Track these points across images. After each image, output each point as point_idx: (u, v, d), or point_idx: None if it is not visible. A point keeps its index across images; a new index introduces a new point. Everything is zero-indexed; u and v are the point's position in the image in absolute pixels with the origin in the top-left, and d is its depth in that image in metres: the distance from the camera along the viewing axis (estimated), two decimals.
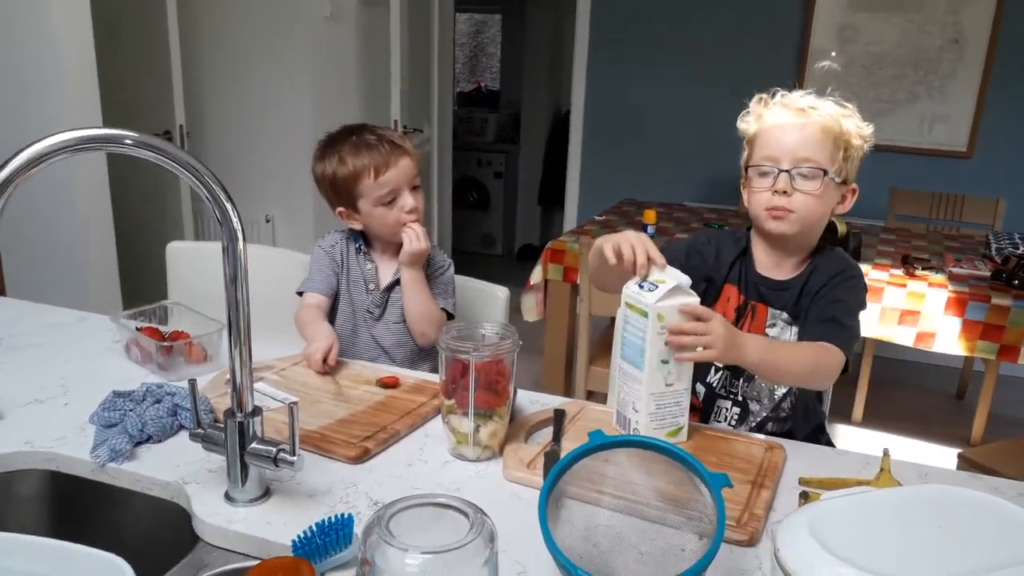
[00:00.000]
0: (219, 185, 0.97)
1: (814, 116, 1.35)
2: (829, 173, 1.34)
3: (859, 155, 1.39)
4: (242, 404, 1.04)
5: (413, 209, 1.62)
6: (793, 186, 1.34)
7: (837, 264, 1.43)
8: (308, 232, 3.88)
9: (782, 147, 1.35)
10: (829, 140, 1.34)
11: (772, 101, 1.41)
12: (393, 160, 1.60)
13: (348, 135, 1.64)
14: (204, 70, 3.82)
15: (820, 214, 1.38)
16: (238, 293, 1.00)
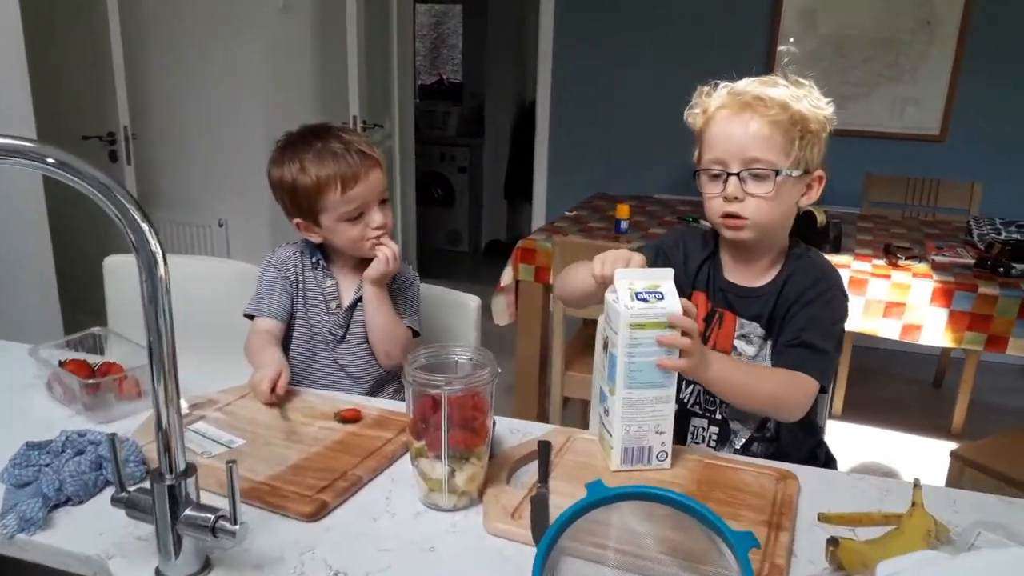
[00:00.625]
0: (132, 202, 0.81)
1: (760, 108, 1.22)
2: (783, 171, 1.22)
3: (822, 137, 1.26)
4: (172, 462, 0.88)
5: (381, 226, 1.47)
6: (745, 190, 1.23)
7: (812, 272, 1.31)
8: (264, 237, 3.69)
9: (728, 148, 1.24)
10: (779, 132, 1.22)
11: (715, 93, 1.28)
12: (363, 173, 1.44)
13: (311, 139, 1.47)
14: (149, 67, 3.60)
15: (779, 215, 1.27)
16: (160, 323, 0.84)
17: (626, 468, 1.13)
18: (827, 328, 1.27)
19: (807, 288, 1.28)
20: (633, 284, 1.10)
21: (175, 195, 3.75)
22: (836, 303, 1.30)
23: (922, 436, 3.17)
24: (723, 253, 1.37)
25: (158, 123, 3.67)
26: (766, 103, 1.21)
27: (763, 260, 1.33)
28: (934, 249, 2.73)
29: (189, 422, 1.23)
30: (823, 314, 1.27)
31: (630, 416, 1.11)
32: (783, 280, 1.31)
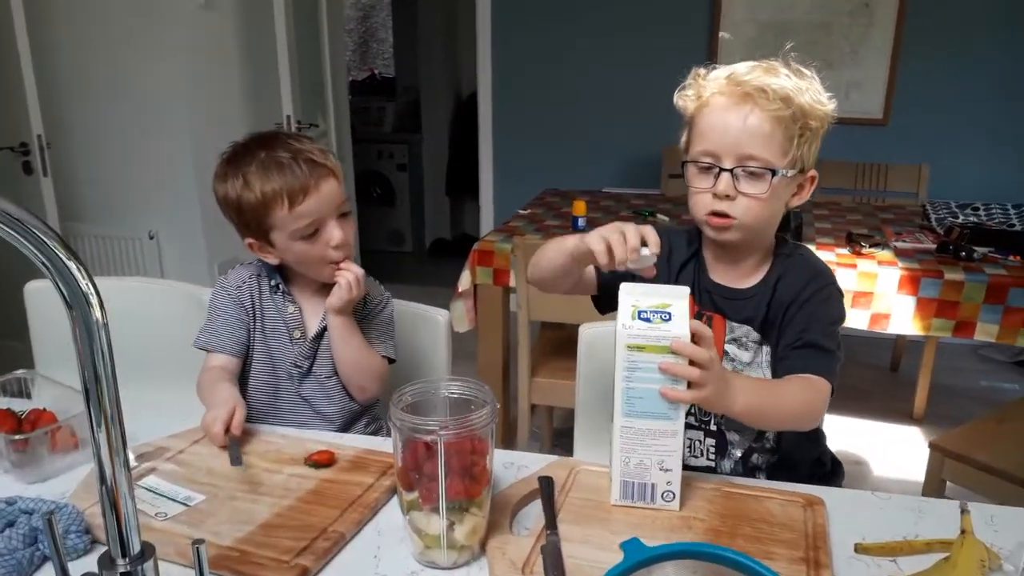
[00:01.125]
0: (55, 239, 0.66)
1: (762, 101, 1.10)
2: (779, 171, 1.12)
3: (820, 135, 1.17)
4: (124, 542, 0.73)
5: (342, 244, 1.30)
6: (737, 188, 1.13)
7: (805, 271, 1.22)
8: (199, 249, 3.48)
9: (723, 141, 1.13)
10: (780, 130, 1.11)
11: (712, 75, 1.16)
12: (313, 184, 1.27)
13: (256, 149, 1.29)
14: (63, 71, 3.35)
15: (769, 215, 1.18)
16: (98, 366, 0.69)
17: (626, 503, 1.02)
18: (828, 327, 1.19)
19: (802, 288, 1.19)
20: (638, 301, 0.99)
21: (99, 207, 3.51)
22: (833, 300, 1.22)
23: (885, 422, 3.16)
24: (706, 252, 1.27)
25: (76, 130, 3.41)
26: (769, 95, 1.10)
27: (749, 260, 1.23)
28: (893, 235, 2.70)
29: (138, 476, 1.08)
30: (822, 312, 1.19)
31: (629, 447, 1.00)
32: (774, 280, 1.21)
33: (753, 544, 0.93)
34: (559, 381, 2.35)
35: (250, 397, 1.37)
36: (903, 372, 3.60)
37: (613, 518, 0.99)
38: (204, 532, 0.95)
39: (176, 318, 1.69)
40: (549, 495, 1.01)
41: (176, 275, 3.48)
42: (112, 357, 0.70)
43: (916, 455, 2.73)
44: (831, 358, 1.17)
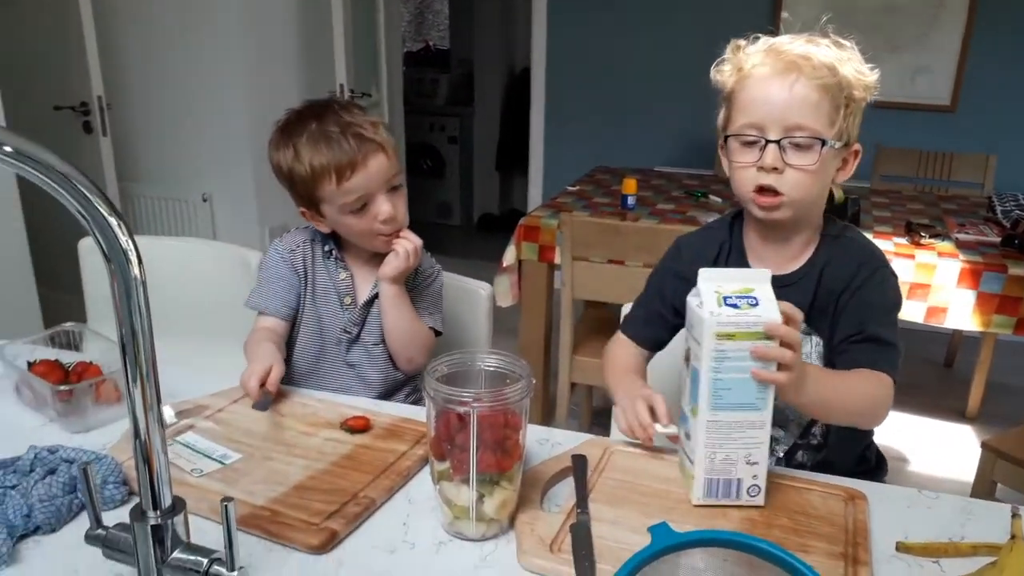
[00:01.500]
0: (98, 194, 0.66)
1: (807, 69, 1.06)
2: (828, 142, 1.07)
3: (862, 107, 1.12)
4: (155, 496, 0.74)
5: (390, 218, 1.30)
6: (785, 160, 1.08)
7: (855, 254, 1.16)
8: (251, 213, 3.52)
9: (768, 112, 1.08)
10: (827, 98, 1.07)
11: (752, 48, 1.13)
12: (360, 160, 1.25)
13: (309, 119, 1.28)
14: (123, 32, 3.40)
15: (819, 190, 1.13)
16: (135, 322, 0.69)
17: (710, 502, 0.97)
18: (886, 315, 1.14)
19: (853, 274, 1.14)
20: (721, 287, 0.94)
21: (156, 168, 3.57)
22: (889, 285, 1.16)
23: (936, 419, 3.07)
24: (749, 235, 1.21)
25: (135, 92, 3.47)
26: (814, 63, 1.06)
27: (796, 240, 1.17)
28: (955, 226, 2.61)
29: (176, 432, 1.09)
30: (878, 300, 1.14)
31: (716, 442, 0.95)
32: (821, 264, 1.16)
33: (790, 536, 0.90)
34: (599, 360, 2.32)
35: (296, 359, 1.39)
36: (958, 368, 3.49)
37: (646, 500, 0.97)
38: (238, 491, 0.96)
39: (224, 279, 1.71)
40: (582, 473, 0.99)
41: (228, 237, 3.53)
42: (149, 314, 0.70)
43: (967, 455, 2.65)
44: (893, 352, 1.12)
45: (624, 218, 2.60)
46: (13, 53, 2.89)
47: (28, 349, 1.25)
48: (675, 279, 1.23)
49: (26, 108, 3.02)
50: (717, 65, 1.16)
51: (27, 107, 3.04)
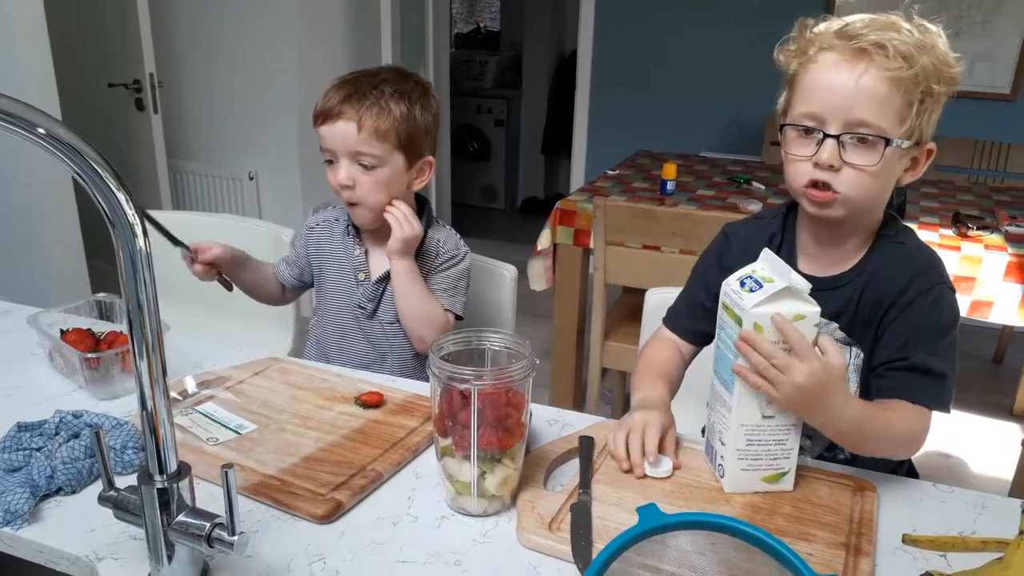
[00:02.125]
0: (106, 168, 0.68)
1: (879, 59, 0.96)
2: (894, 141, 0.97)
3: (943, 102, 1.01)
4: (161, 461, 0.77)
5: (342, 185, 1.32)
6: (843, 158, 0.99)
7: (909, 264, 1.06)
8: (295, 190, 3.58)
9: (830, 102, 0.99)
10: (898, 93, 0.96)
11: (821, 28, 1.02)
12: (334, 115, 1.29)
13: (372, 72, 1.34)
14: (176, 12, 3.47)
15: (879, 192, 1.03)
16: (140, 295, 0.71)
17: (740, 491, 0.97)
18: (938, 341, 1.03)
19: (904, 287, 1.04)
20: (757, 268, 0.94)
21: (204, 146, 3.65)
22: (945, 303, 1.05)
23: (982, 415, 2.99)
24: (801, 230, 1.13)
25: (186, 70, 3.55)
26: (888, 52, 0.95)
27: (851, 241, 1.08)
28: (1007, 219, 2.52)
29: (197, 402, 1.12)
30: (929, 321, 1.03)
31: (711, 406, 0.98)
32: (871, 270, 1.06)
33: (792, 524, 0.90)
34: (631, 346, 2.32)
35: (321, 336, 1.45)
36: (1007, 365, 3.40)
37: (649, 483, 0.97)
38: (250, 460, 0.98)
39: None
40: (587, 455, 1.00)
41: (272, 215, 3.60)
42: (155, 287, 0.72)
43: (1012, 453, 2.58)
44: (941, 385, 1.02)
45: (662, 203, 2.57)
46: (69, 32, 2.97)
47: (62, 318, 1.30)
48: (720, 270, 1.12)
49: (82, 85, 3.12)
50: (781, 44, 1.06)
51: (83, 84, 3.14)
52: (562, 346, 2.66)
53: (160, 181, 3.31)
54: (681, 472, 1.00)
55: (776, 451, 0.95)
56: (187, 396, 1.14)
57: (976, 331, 3.55)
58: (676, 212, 2.26)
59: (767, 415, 0.94)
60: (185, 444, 1.01)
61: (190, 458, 0.96)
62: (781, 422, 0.94)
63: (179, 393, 1.14)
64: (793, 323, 0.90)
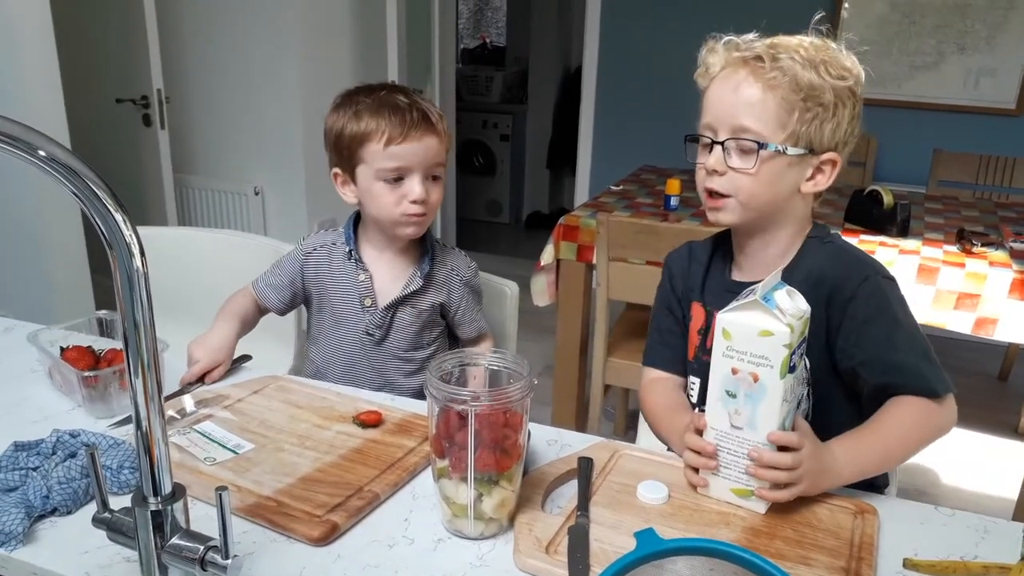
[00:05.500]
0: (103, 188, 0.68)
1: (758, 69, 1.03)
2: (771, 145, 1.03)
3: (842, 113, 1.04)
4: (155, 482, 0.76)
5: (420, 199, 1.32)
6: (727, 163, 1.05)
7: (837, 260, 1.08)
8: (300, 205, 3.59)
9: (719, 112, 1.06)
10: (773, 99, 1.02)
11: (718, 47, 1.10)
12: (415, 134, 1.29)
13: (378, 90, 1.34)
14: (184, 28, 3.50)
15: (769, 198, 1.06)
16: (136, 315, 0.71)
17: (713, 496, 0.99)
18: (894, 332, 1.04)
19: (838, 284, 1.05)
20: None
21: (210, 161, 3.67)
22: (884, 292, 1.06)
23: (986, 433, 2.97)
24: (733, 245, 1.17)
25: (193, 86, 3.57)
26: (764, 63, 1.02)
27: (770, 249, 1.12)
28: (1012, 235, 2.51)
29: (195, 421, 1.12)
30: (875, 315, 1.04)
31: None
32: (802, 272, 1.07)
33: (792, 548, 0.89)
34: (634, 363, 2.31)
35: (323, 365, 1.44)
36: (1013, 382, 3.37)
37: (649, 505, 0.96)
38: (247, 480, 0.98)
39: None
40: (586, 476, 0.99)
41: (278, 230, 3.61)
42: (151, 306, 0.72)
43: (1016, 471, 2.56)
44: (919, 367, 1.03)
45: (665, 219, 2.57)
46: (77, 48, 3.00)
47: (63, 335, 1.30)
48: (675, 297, 1.23)
49: (89, 101, 3.14)
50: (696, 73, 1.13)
51: (90, 100, 3.17)
52: (565, 362, 2.65)
53: (166, 196, 3.33)
54: (680, 495, 0.99)
55: (745, 464, 0.95)
56: (185, 415, 1.14)
57: (981, 348, 3.53)
58: (679, 228, 2.26)
59: (736, 425, 0.95)
60: (182, 464, 1.01)
61: (187, 478, 0.97)
62: (749, 436, 0.94)
63: (177, 412, 1.14)
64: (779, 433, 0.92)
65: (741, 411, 0.93)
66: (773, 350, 0.90)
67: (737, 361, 0.92)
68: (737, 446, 0.95)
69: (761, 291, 0.91)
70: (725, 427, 0.95)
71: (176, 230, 2.51)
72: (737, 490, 0.96)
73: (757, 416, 0.93)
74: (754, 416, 0.93)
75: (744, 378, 0.92)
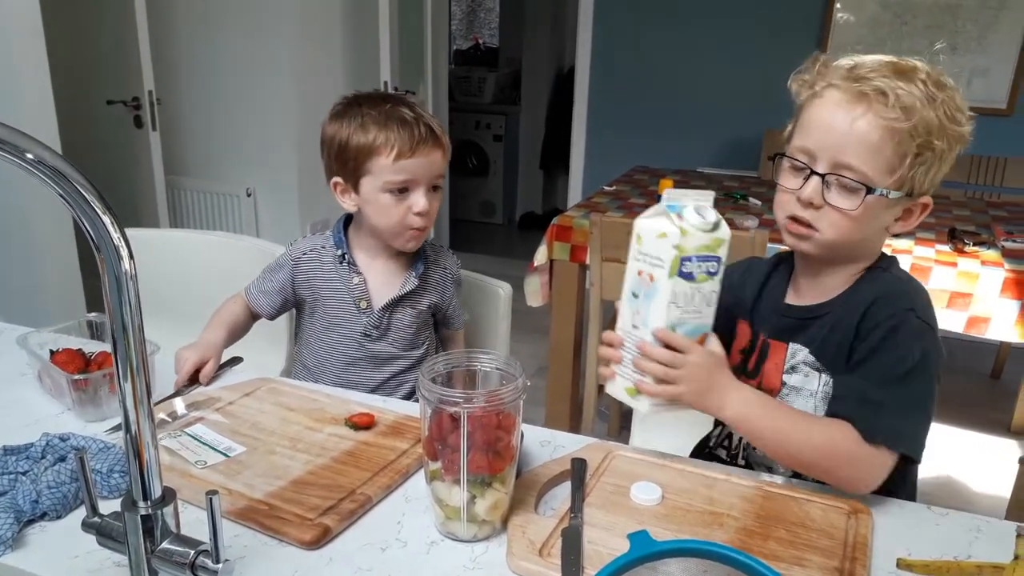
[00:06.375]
0: (91, 190, 0.68)
1: (878, 106, 0.95)
2: (878, 190, 0.97)
3: (946, 159, 0.99)
4: (145, 487, 0.76)
5: (424, 212, 1.34)
6: (825, 197, 0.99)
7: (877, 288, 1.03)
8: (292, 207, 3.59)
9: (822, 141, 0.99)
10: (891, 143, 0.96)
11: (833, 64, 1.02)
12: (424, 149, 1.31)
13: (381, 101, 1.34)
14: (175, 29, 3.49)
15: (859, 236, 1.02)
16: (125, 317, 0.71)
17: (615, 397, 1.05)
18: (890, 369, 0.98)
19: (868, 308, 1.02)
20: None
21: (202, 163, 3.65)
22: (906, 332, 0.99)
23: (979, 432, 2.98)
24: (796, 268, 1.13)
25: (184, 88, 3.56)
26: (888, 101, 0.95)
27: (830, 277, 1.08)
28: (1003, 234, 2.52)
29: (186, 424, 1.11)
30: (886, 348, 0.99)
31: None
32: (851, 301, 1.05)
33: (786, 548, 0.88)
34: None
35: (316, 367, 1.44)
36: (1005, 380, 3.39)
37: (642, 507, 0.96)
38: (238, 483, 0.97)
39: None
40: (579, 477, 0.99)
41: (270, 232, 3.60)
42: (140, 309, 0.71)
43: (1009, 469, 2.56)
44: (878, 413, 0.97)
45: None
46: (68, 49, 2.98)
47: (53, 338, 1.29)
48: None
49: (80, 103, 3.12)
50: (796, 73, 1.06)
51: (81, 102, 3.15)
52: (558, 362, 2.65)
53: (158, 198, 3.31)
54: (673, 496, 0.98)
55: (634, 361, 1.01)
56: (176, 418, 1.13)
57: (973, 347, 3.54)
58: None
59: (635, 324, 1.01)
60: (173, 467, 1.00)
61: (177, 482, 0.96)
62: (642, 334, 1.00)
63: (168, 415, 1.13)
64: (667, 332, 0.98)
65: (640, 311, 1.00)
66: (665, 250, 0.95)
67: (642, 263, 0.99)
68: (632, 344, 1.01)
69: (666, 200, 0.97)
70: (628, 327, 1.02)
71: (168, 232, 2.50)
72: (629, 389, 1.02)
73: (649, 314, 0.99)
74: (647, 315, 0.99)
75: (644, 279, 0.99)
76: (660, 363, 0.98)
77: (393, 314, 1.41)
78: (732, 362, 1.12)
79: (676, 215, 0.95)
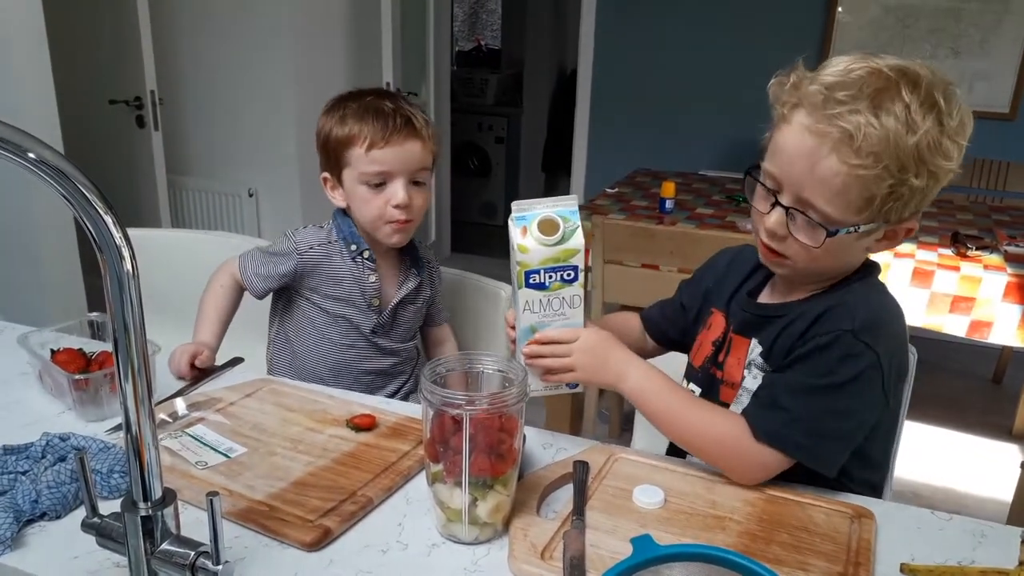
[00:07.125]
0: (93, 190, 0.67)
1: (843, 150, 0.88)
2: (843, 230, 0.92)
3: (934, 189, 0.93)
4: (146, 487, 0.75)
5: (403, 204, 1.33)
6: (790, 229, 0.95)
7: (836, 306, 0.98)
8: (294, 207, 3.58)
9: (787, 173, 0.94)
10: (855, 188, 0.89)
11: (811, 78, 0.93)
12: (397, 139, 1.30)
13: (367, 95, 1.35)
14: (177, 29, 3.48)
15: (830, 264, 1.00)
16: (126, 318, 0.70)
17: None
18: (807, 379, 0.96)
19: (815, 319, 0.99)
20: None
21: (204, 163, 3.65)
22: (836, 349, 0.95)
23: (980, 436, 2.98)
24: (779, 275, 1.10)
25: (186, 88, 3.55)
26: (854, 144, 0.87)
27: (807, 285, 1.05)
28: (1006, 238, 2.52)
29: (187, 424, 1.11)
30: (812, 359, 0.97)
31: None
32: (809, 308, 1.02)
33: (789, 552, 0.88)
34: None
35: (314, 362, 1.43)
36: (1007, 385, 3.38)
37: (645, 510, 0.96)
38: (239, 484, 0.97)
39: None
40: (582, 480, 0.98)
41: (272, 232, 3.60)
42: (141, 309, 0.71)
43: (1011, 474, 2.56)
44: (774, 416, 0.97)
45: (660, 222, 2.57)
46: (70, 49, 2.98)
47: (54, 337, 1.28)
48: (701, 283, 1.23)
49: (82, 102, 3.12)
50: (777, 75, 0.98)
51: (83, 101, 3.15)
52: None
53: (160, 198, 3.31)
54: (676, 499, 0.98)
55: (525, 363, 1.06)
56: (177, 418, 1.13)
57: (975, 351, 3.54)
58: (674, 231, 2.26)
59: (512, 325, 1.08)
60: (174, 468, 1.00)
61: (178, 482, 0.96)
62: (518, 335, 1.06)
63: (169, 415, 1.13)
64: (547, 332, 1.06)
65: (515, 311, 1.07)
66: (513, 263, 1.03)
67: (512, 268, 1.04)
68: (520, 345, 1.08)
69: (515, 211, 1.03)
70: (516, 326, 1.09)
71: (169, 232, 2.50)
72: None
73: (518, 316, 1.06)
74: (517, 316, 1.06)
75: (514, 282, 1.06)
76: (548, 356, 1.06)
77: (398, 311, 1.42)
78: (703, 352, 1.15)
79: (521, 229, 1.00)
